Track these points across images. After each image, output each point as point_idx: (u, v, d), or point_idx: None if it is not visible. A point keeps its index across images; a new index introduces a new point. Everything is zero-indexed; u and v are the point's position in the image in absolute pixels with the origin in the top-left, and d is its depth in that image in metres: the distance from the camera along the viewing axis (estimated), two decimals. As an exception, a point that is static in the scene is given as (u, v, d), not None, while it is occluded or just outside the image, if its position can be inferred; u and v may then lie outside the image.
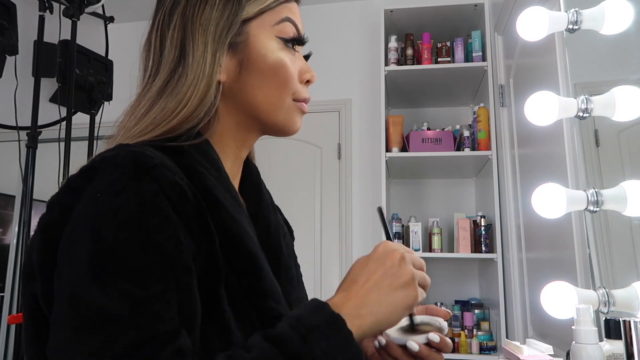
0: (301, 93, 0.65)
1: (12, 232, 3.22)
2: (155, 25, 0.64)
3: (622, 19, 1.03)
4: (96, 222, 0.44)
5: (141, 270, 0.43)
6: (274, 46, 0.62)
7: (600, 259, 1.10)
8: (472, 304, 2.37)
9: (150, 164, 0.47)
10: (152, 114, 0.57)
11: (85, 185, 0.47)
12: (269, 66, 0.61)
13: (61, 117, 2.01)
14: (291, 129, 0.65)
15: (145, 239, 0.44)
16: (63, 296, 0.43)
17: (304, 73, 0.65)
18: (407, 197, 2.65)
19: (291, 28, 0.64)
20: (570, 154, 1.23)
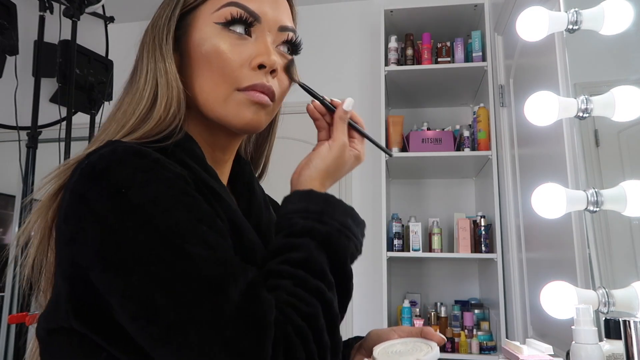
0: (247, 79, 0.57)
1: (12, 232, 3.22)
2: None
3: (622, 19, 1.03)
4: (141, 214, 0.45)
5: (207, 239, 0.46)
6: (209, 33, 0.58)
7: (600, 259, 1.10)
8: (472, 304, 2.37)
9: (154, 157, 0.49)
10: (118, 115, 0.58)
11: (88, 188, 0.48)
12: (202, 55, 0.58)
13: (61, 117, 2.01)
14: (238, 123, 0.58)
15: (192, 216, 0.47)
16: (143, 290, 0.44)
17: (257, 57, 0.57)
18: (407, 197, 2.65)
19: (231, 11, 0.58)
20: (570, 154, 1.23)
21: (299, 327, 0.45)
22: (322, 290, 0.49)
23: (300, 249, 0.51)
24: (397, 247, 2.27)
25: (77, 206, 0.48)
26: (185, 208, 0.47)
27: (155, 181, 0.47)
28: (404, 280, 2.55)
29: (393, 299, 2.47)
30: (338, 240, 0.53)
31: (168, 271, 0.44)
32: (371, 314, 2.47)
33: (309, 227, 0.52)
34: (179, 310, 0.43)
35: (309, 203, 0.55)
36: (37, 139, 1.99)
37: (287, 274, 0.49)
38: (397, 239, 2.28)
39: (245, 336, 0.42)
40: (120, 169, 0.47)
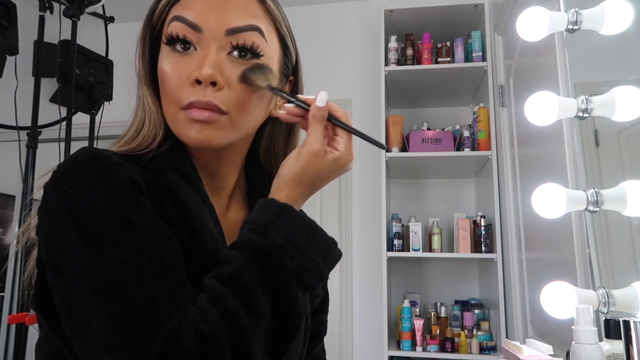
0: (185, 97, 0.54)
1: (12, 232, 3.22)
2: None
3: (622, 19, 1.03)
4: (77, 215, 0.48)
5: (132, 244, 0.47)
6: (162, 55, 0.58)
7: (600, 259, 1.10)
8: (472, 304, 2.37)
9: (108, 162, 0.51)
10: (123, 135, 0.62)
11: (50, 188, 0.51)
12: (159, 79, 0.59)
13: (61, 117, 2.01)
14: (187, 141, 0.56)
15: (127, 220, 0.48)
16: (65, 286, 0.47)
17: (192, 72, 0.54)
18: (407, 197, 2.65)
19: (175, 27, 0.55)
20: (570, 154, 1.23)
21: (187, 349, 0.43)
22: (236, 313, 0.45)
23: (232, 262, 0.48)
24: (397, 247, 2.27)
25: (42, 203, 0.51)
26: (122, 212, 0.48)
27: (99, 184, 0.49)
28: (404, 280, 2.55)
29: (393, 299, 2.47)
30: (277, 258, 0.48)
31: (83, 270, 0.46)
32: (371, 314, 2.47)
33: (250, 240, 0.49)
34: (84, 309, 0.45)
35: (261, 213, 0.51)
36: (37, 139, 1.99)
37: (209, 288, 0.47)
38: (397, 239, 2.28)
39: (126, 346, 0.43)
40: (72, 172, 0.51)
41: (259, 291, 0.47)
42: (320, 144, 0.54)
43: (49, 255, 0.49)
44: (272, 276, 0.48)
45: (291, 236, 0.49)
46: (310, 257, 0.50)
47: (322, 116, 0.55)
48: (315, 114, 0.55)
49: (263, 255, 0.48)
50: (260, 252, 0.48)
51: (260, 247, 0.48)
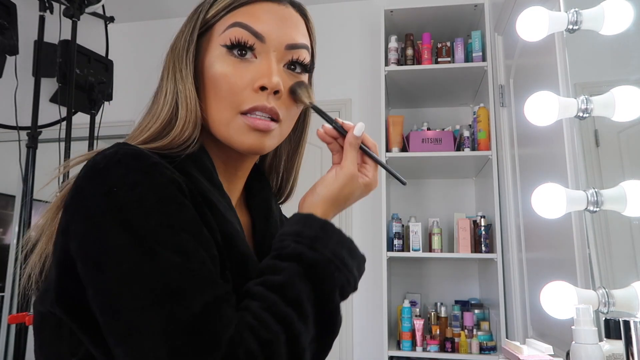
0: (249, 102, 0.57)
1: (12, 232, 3.22)
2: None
3: (622, 19, 1.03)
4: (124, 214, 0.46)
5: (181, 247, 0.46)
6: (215, 56, 0.59)
7: (600, 259, 1.10)
8: (472, 304, 2.37)
9: (152, 161, 0.50)
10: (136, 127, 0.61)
11: (86, 184, 0.49)
12: (209, 79, 0.59)
13: (61, 117, 2.01)
14: (240, 146, 0.58)
15: (173, 223, 0.47)
16: (112, 287, 0.45)
17: (258, 79, 0.57)
18: (407, 197, 2.65)
19: (236, 32, 0.58)
20: (570, 154, 1.23)
21: (251, 352, 0.44)
22: (290, 319, 0.47)
23: (282, 272, 0.50)
24: (397, 247, 2.27)
25: (74, 199, 0.49)
26: (169, 213, 0.48)
27: (145, 184, 0.48)
28: (404, 280, 2.55)
29: (393, 299, 2.47)
30: (326, 270, 0.51)
31: (136, 272, 0.44)
32: (371, 314, 2.47)
33: (298, 252, 0.51)
34: (138, 312, 0.43)
35: (305, 227, 0.54)
36: (37, 139, 1.99)
37: (259, 295, 0.48)
38: (397, 239, 2.28)
39: (192, 350, 0.42)
40: (115, 169, 0.48)
41: (307, 300, 0.49)
42: (355, 168, 0.60)
43: (87, 253, 0.47)
44: (319, 287, 0.50)
45: (337, 250, 0.53)
46: (351, 270, 0.54)
47: (358, 144, 0.60)
48: (352, 141, 0.60)
49: (312, 267, 0.50)
50: (309, 264, 0.50)
51: (310, 259, 0.51)
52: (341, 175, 0.59)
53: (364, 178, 0.61)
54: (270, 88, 0.57)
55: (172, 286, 0.44)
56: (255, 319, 0.46)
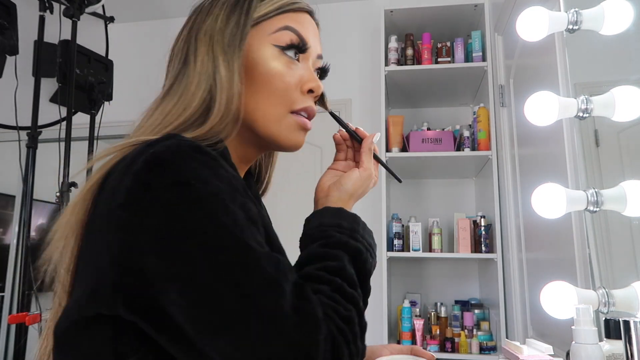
0: (299, 102, 0.62)
1: (12, 232, 3.22)
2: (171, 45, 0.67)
3: (622, 19, 1.04)
4: (206, 206, 0.47)
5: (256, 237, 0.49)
6: (268, 54, 0.61)
7: (600, 259, 1.10)
8: (472, 304, 2.37)
9: (213, 155, 0.51)
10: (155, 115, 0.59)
11: (154, 177, 0.48)
12: (260, 74, 0.61)
13: (61, 117, 2.01)
14: (288, 143, 0.63)
15: (246, 215, 0.49)
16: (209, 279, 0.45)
17: (306, 82, 0.63)
18: (407, 197, 2.65)
19: (289, 36, 0.62)
20: (570, 154, 1.23)
21: (341, 328, 0.47)
22: (357, 299, 0.52)
23: (336, 259, 0.54)
24: (397, 247, 2.27)
25: (140, 193, 0.47)
26: (240, 207, 0.49)
27: (216, 178, 0.49)
28: (404, 280, 2.55)
29: (393, 299, 2.47)
30: (365, 257, 0.57)
31: (234, 263, 0.45)
32: (371, 314, 2.46)
33: (344, 241, 0.56)
34: (242, 301, 0.44)
35: (342, 220, 0.60)
36: (37, 139, 1.99)
37: (326, 279, 0.52)
38: (397, 239, 2.28)
39: (301, 330, 0.44)
40: (186, 162, 0.48)
41: (357, 283, 0.54)
42: (373, 170, 0.69)
43: (169, 246, 0.45)
44: (361, 271, 0.56)
45: (369, 239, 0.61)
46: (376, 256, 0.62)
47: (373, 149, 0.70)
48: (370, 147, 0.69)
49: (356, 254, 0.56)
50: (354, 252, 0.56)
51: (353, 248, 0.56)
52: (364, 175, 0.67)
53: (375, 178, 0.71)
54: (317, 92, 0.64)
55: (268, 274, 0.46)
56: (330, 299, 0.49)
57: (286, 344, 0.43)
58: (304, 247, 0.58)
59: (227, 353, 0.44)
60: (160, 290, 0.45)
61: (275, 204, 0.75)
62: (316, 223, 0.60)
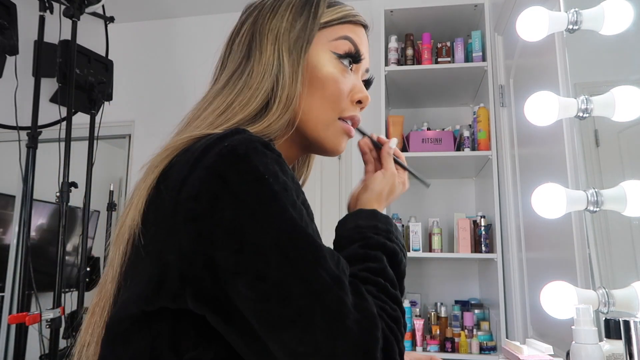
0: (348, 110, 0.64)
1: (12, 232, 3.22)
2: (228, 38, 0.68)
3: (622, 19, 1.03)
4: (279, 202, 0.48)
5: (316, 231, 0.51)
6: (326, 59, 0.63)
7: (600, 259, 1.10)
8: (472, 304, 2.38)
9: (277, 152, 0.52)
10: (214, 107, 0.60)
11: (229, 170, 0.48)
12: (318, 78, 0.62)
13: (61, 117, 2.01)
14: (333, 148, 0.65)
15: (307, 211, 0.51)
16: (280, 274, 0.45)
17: (357, 92, 0.65)
18: (407, 197, 2.65)
19: (348, 45, 0.64)
20: (570, 154, 1.23)
21: (391, 327, 0.49)
22: (400, 300, 0.54)
23: (377, 260, 0.55)
24: (397, 247, 2.27)
25: (214, 185, 0.47)
26: (302, 204, 0.51)
27: (284, 174, 0.50)
28: (404, 280, 2.54)
29: (393, 299, 2.46)
30: (400, 259, 0.59)
31: (303, 259, 0.46)
32: (371, 314, 2.47)
33: (382, 243, 0.58)
34: (309, 296, 0.45)
35: (377, 222, 0.60)
36: (37, 139, 1.99)
37: (370, 280, 0.53)
38: (397, 239, 2.28)
39: (362, 327, 0.45)
40: (259, 157, 0.49)
41: (397, 284, 0.56)
42: (395, 170, 0.72)
43: (243, 240, 0.46)
44: (397, 272, 0.57)
45: (401, 240, 0.62)
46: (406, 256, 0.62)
47: (392, 153, 0.73)
48: (388, 151, 0.73)
49: (393, 255, 0.58)
50: (391, 253, 0.57)
51: (390, 249, 0.58)
52: (388, 174, 0.70)
53: (401, 178, 0.73)
54: (365, 104, 0.66)
55: (333, 271, 0.47)
56: (377, 299, 0.51)
57: (349, 340, 0.44)
58: (340, 249, 0.58)
59: (290, 348, 0.44)
60: (229, 282, 0.45)
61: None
62: (352, 225, 0.60)
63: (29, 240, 1.89)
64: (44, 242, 3.27)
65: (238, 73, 0.62)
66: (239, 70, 0.62)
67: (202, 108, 0.60)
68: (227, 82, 0.62)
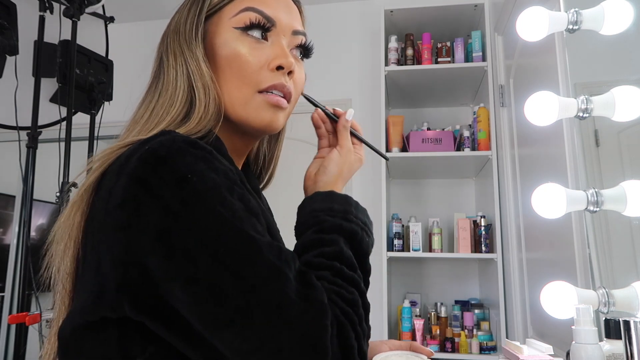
0: (267, 80, 0.60)
1: (12, 232, 3.22)
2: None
3: (622, 19, 1.04)
4: (205, 201, 0.46)
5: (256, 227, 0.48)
6: (228, 37, 0.61)
7: (600, 259, 1.10)
8: (472, 304, 2.38)
9: (208, 149, 0.51)
10: (142, 114, 0.60)
11: (150, 174, 0.47)
12: (222, 58, 0.61)
13: (61, 117, 2.01)
14: (260, 124, 0.61)
15: (245, 207, 0.49)
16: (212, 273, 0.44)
17: (275, 59, 0.60)
18: (407, 197, 2.65)
19: (249, 15, 0.61)
20: (570, 154, 1.23)
21: (346, 312, 0.48)
22: (357, 281, 0.52)
23: (332, 244, 0.54)
24: (397, 247, 2.27)
25: (137, 191, 0.47)
26: (238, 199, 0.49)
27: (213, 171, 0.49)
28: (404, 280, 2.55)
29: (393, 299, 2.47)
30: (361, 237, 0.57)
31: (235, 256, 0.45)
32: (371, 313, 2.44)
33: (337, 225, 0.56)
34: (245, 293, 0.44)
35: (333, 203, 0.59)
36: (37, 139, 1.99)
37: (325, 265, 0.52)
38: (397, 239, 2.28)
39: (308, 317, 0.44)
40: (182, 157, 0.48)
41: (356, 265, 0.54)
42: (351, 145, 0.68)
43: (171, 244, 0.45)
44: (358, 251, 0.56)
45: (363, 219, 0.60)
46: (372, 232, 0.61)
47: (349, 127, 0.69)
48: (344, 124, 0.68)
49: (351, 235, 0.56)
50: (349, 234, 0.56)
51: (348, 229, 0.56)
52: (344, 153, 0.67)
53: (357, 154, 0.69)
54: (287, 67, 0.60)
55: (271, 264, 0.46)
56: (332, 284, 0.50)
57: (294, 332, 0.43)
58: (299, 235, 0.58)
59: (234, 346, 0.44)
60: (164, 288, 0.45)
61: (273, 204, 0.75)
62: (308, 209, 0.59)
63: (29, 240, 1.89)
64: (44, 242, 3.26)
65: (156, 79, 0.63)
66: (156, 76, 0.63)
67: (133, 120, 0.61)
68: (149, 89, 0.63)
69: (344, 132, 0.68)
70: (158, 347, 0.48)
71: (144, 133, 0.56)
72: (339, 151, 0.67)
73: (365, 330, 0.50)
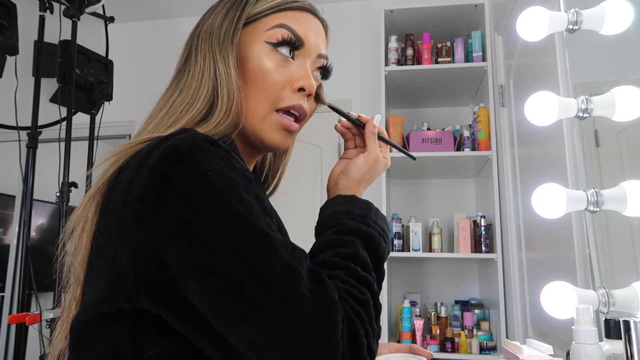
0: (287, 100, 0.62)
1: (12, 232, 3.22)
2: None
3: (622, 19, 1.03)
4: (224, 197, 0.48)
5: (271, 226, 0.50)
6: (259, 51, 0.62)
7: (600, 259, 1.10)
8: (472, 304, 2.38)
9: (226, 148, 0.52)
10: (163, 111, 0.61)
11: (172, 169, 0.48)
12: (249, 70, 0.62)
13: (61, 117, 2.01)
14: (269, 143, 0.63)
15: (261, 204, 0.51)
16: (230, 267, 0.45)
17: (298, 80, 0.62)
18: (407, 197, 2.65)
19: (282, 33, 0.62)
20: (570, 154, 1.23)
21: (357, 310, 0.49)
22: (371, 282, 0.53)
23: (349, 245, 0.55)
24: (397, 247, 2.27)
25: (158, 184, 0.48)
26: (254, 198, 0.50)
27: (231, 170, 0.50)
28: (404, 280, 2.55)
29: (393, 299, 2.47)
30: (378, 242, 0.58)
31: (252, 251, 0.46)
32: (371, 314, 2.46)
33: (356, 227, 0.57)
34: (262, 287, 0.45)
35: (353, 207, 0.60)
36: (37, 139, 1.99)
37: (339, 265, 0.53)
38: (397, 239, 2.28)
39: (319, 313, 0.45)
40: (202, 154, 0.49)
41: (370, 267, 0.55)
42: (379, 153, 0.68)
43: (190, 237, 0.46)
44: (374, 255, 0.57)
45: (382, 225, 0.61)
46: (390, 239, 0.62)
47: (376, 132, 0.69)
48: (372, 130, 0.69)
49: (368, 239, 0.57)
50: (366, 237, 0.57)
51: (366, 233, 0.57)
52: (370, 159, 0.67)
53: (385, 160, 0.70)
54: (308, 90, 0.63)
55: (286, 261, 0.47)
56: (345, 283, 0.51)
57: (306, 326, 0.44)
58: (318, 235, 0.59)
59: (248, 339, 0.44)
60: (181, 280, 0.46)
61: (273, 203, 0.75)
62: (329, 211, 0.60)
63: (29, 240, 1.89)
64: (44, 242, 3.26)
65: (179, 75, 0.64)
66: (181, 73, 0.64)
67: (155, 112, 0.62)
68: (171, 85, 0.64)
69: (372, 137, 0.69)
70: (171, 341, 0.48)
71: (162, 129, 0.57)
72: (366, 157, 0.68)
73: (375, 329, 0.51)
